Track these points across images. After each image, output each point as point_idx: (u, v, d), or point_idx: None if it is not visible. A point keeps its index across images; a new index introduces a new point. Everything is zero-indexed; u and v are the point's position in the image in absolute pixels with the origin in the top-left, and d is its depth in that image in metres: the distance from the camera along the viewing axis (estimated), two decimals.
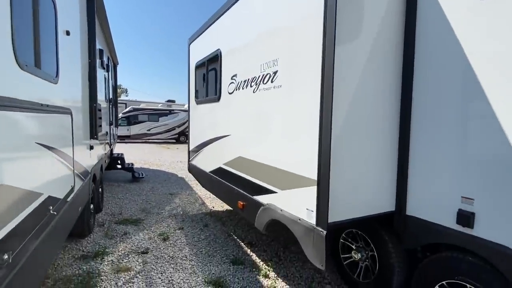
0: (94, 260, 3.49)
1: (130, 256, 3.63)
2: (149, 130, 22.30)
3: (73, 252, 3.69)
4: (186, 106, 26.05)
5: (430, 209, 2.35)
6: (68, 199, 2.62)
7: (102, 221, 4.73)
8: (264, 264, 3.53)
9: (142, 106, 24.12)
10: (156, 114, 22.73)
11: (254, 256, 3.74)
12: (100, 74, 5.25)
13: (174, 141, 23.24)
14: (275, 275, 3.31)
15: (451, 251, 2.25)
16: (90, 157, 3.93)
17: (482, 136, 2.01)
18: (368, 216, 2.45)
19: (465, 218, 2.10)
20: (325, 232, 2.15)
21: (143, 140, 22.20)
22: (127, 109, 22.12)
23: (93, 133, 3.93)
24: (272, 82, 2.81)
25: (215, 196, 5.40)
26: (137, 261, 3.51)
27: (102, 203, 5.35)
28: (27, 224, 1.65)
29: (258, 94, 3.05)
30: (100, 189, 5.13)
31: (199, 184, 5.56)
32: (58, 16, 2.36)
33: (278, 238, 4.22)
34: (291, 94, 2.55)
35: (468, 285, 2.10)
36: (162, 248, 3.86)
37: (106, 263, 3.45)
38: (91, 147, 3.97)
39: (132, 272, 3.27)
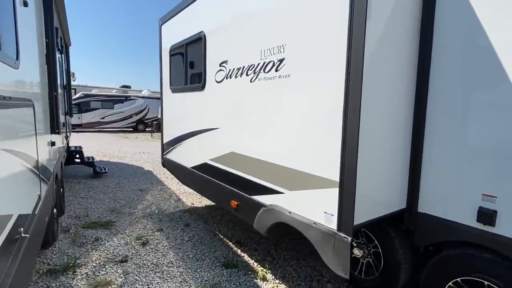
0: (64, 274, 3.00)
1: (107, 266, 3.19)
2: (103, 118, 20.76)
3: (37, 266, 3.14)
4: (144, 92, 24.71)
5: (445, 206, 2.28)
6: (36, 212, 2.14)
7: (66, 226, 4.16)
8: (259, 265, 3.32)
9: (94, 92, 22.29)
10: (110, 101, 21.18)
11: (246, 257, 3.51)
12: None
13: (132, 129, 21.92)
14: (273, 277, 3.12)
15: (467, 248, 2.20)
16: (52, 155, 3.36)
17: (507, 130, 1.94)
18: (385, 216, 2.32)
19: (487, 216, 2.05)
20: (350, 238, 1.97)
21: (97, 129, 20.62)
22: (77, 95, 20.30)
23: (55, 126, 3.34)
24: (277, 71, 2.52)
25: (194, 192, 5.04)
26: (117, 272, 3.09)
27: (64, 205, 4.71)
28: None
29: (258, 84, 2.75)
30: (61, 189, 4.50)
31: (170, 178, 5.16)
32: None
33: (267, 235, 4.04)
34: (303, 84, 2.29)
35: (486, 282, 2.08)
36: (143, 255, 3.46)
37: (80, 277, 2.98)
38: (53, 143, 3.38)
39: (113, 286, 2.86)
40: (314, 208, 2.24)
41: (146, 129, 21.79)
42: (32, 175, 2.11)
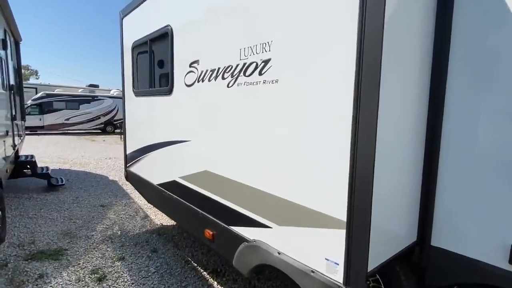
0: None
1: None
2: (67, 119, 19.38)
3: None
4: (112, 92, 23.36)
5: (465, 241, 1.86)
6: None
7: (4, 259, 3.42)
8: None
9: (57, 91, 20.76)
10: (75, 101, 19.81)
11: None
12: None
13: (100, 131, 20.62)
14: None
15: None
16: None
17: None
18: (397, 255, 1.88)
19: None
20: None
21: (61, 131, 19.18)
22: (39, 95, 18.84)
23: None
24: (260, 74, 2.00)
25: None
26: None
27: (5, 231, 3.94)
28: None
29: (237, 90, 2.22)
30: (0, 212, 3.74)
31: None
32: None
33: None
34: (297, 93, 1.79)
35: None
36: None
37: None
38: None
39: None
40: (312, 252, 1.75)
41: (115, 131, 20.58)
42: None
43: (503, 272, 1.71)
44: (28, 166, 6.13)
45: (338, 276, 1.60)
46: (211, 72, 2.48)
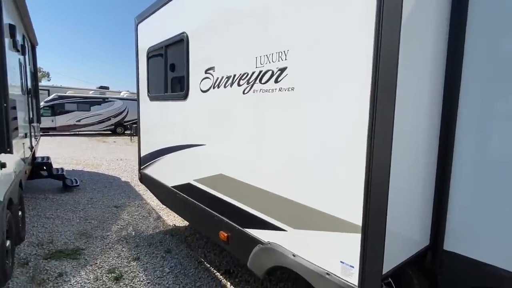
0: None
1: None
2: (79, 121, 19.73)
3: None
4: (123, 93, 23.68)
5: (479, 245, 1.90)
6: None
7: (25, 258, 3.55)
8: None
9: (69, 93, 21.17)
10: (87, 103, 20.17)
11: None
12: (14, 58, 3.91)
13: (110, 132, 20.94)
14: None
15: None
16: (1, 179, 2.77)
17: None
18: (411, 258, 1.92)
19: None
20: None
21: (72, 133, 19.55)
22: (51, 97, 19.22)
23: (5, 145, 2.76)
24: (276, 82, 2.07)
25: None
26: None
27: (24, 230, 4.08)
28: None
29: (252, 97, 2.29)
30: (20, 212, 3.87)
31: (149, 191, 4.62)
32: None
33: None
34: (313, 101, 1.85)
35: None
36: None
37: None
38: (2, 165, 2.80)
39: None
40: (327, 255, 1.81)
41: (125, 132, 20.86)
42: None
43: None
44: (44, 167, 6.30)
45: (353, 278, 1.65)
46: (226, 79, 2.55)
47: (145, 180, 4.46)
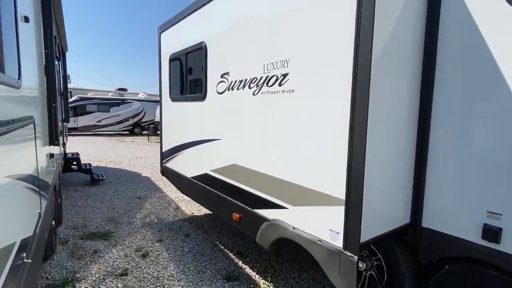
0: None
1: (107, 280, 3.15)
2: (99, 121, 20.65)
3: None
4: (140, 95, 24.58)
5: (449, 222, 2.27)
6: (37, 231, 2.10)
7: (64, 237, 4.10)
8: (261, 278, 3.29)
9: (89, 95, 22.16)
10: (106, 104, 21.09)
11: (247, 269, 3.48)
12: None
13: (128, 132, 21.81)
14: None
15: (472, 265, 2.20)
16: (51, 167, 3.31)
17: None
18: (390, 232, 2.31)
19: (491, 233, 2.04)
20: (356, 257, 1.95)
21: (93, 133, 20.49)
22: (73, 98, 20.17)
23: (54, 138, 3.29)
24: (280, 85, 2.50)
25: (194, 202, 4.99)
26: (117, 287, 3.05)
27: (62, 215, 4.65)
28: None
29: (261, 98, 2.73)
30: (59, 199, 4.44)
31: (168, 185, 5.12)
32: None
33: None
34: (308, 100, 2.28)
35: None
36: (143, 267, 3.42)
37: None
38: (51, 155, 3.34)
39: None
40: (319, 225, 2.23)
41: (143, 132, 21.68)
42: (33, 194, 2.07)
43: (477, 246, 2.11)
44: (74, 162, 6.93)
45: (338, 242, 2.07)
46: (239, 82, 3.00)
47: (167, 172, 4.97)
